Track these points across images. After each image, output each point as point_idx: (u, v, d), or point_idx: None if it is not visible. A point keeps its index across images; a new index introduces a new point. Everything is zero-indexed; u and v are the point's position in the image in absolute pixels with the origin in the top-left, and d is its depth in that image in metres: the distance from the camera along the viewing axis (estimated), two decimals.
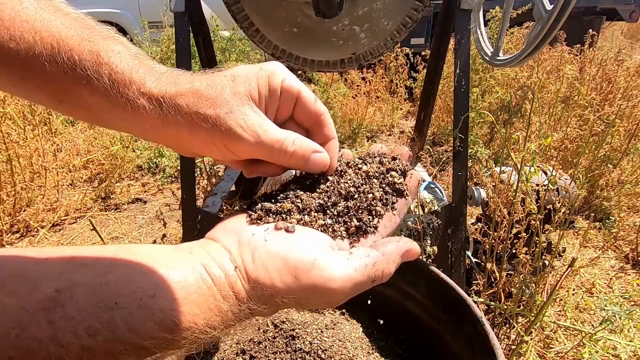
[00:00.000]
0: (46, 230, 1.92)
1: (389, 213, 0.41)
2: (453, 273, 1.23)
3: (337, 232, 0.38)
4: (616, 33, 6.77)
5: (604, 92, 2.27)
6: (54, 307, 0.25)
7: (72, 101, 0.36)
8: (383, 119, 3.30)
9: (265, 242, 0.34)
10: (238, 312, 0.32)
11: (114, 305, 0.27)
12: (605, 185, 1.99)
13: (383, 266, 0.35)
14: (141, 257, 0.30)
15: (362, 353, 0.75)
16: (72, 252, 0.29)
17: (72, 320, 0.25)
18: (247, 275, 0.33)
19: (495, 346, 0.58)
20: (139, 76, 0.36)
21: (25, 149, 1.95)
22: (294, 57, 1.20)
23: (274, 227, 0.36)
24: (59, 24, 0.35)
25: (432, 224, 1.19)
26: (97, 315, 0.26)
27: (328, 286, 0.32)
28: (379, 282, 0.35)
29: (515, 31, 2.78)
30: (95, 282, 0.27)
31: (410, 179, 0.44)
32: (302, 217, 0.38)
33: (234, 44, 3.20)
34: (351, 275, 0.33)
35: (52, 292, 0.25)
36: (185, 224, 1.23)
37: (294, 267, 0.33)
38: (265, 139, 0.37)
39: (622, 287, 1.57)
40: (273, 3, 1.05)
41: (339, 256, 0.35)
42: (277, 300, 0.33)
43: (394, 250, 0.36)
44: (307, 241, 0.35)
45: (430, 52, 1.54)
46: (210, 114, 0.36)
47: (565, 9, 0.87)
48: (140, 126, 0.36)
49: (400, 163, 0.45)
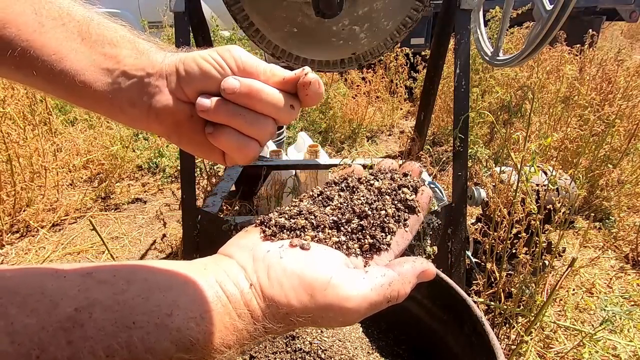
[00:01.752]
0: (46, 230, 1.92)
1: (401, 230, 0.41)
2: (453, 273, 1.23)
3: (351, 250, 0.38)
4: (616, 33, 6.77)
5: (604, 92, 2.27)
6: (73, 327, 0.25)
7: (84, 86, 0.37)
8: (383, 119, 3.30)
9: (281, 260, 0.34)
10: (253, 331, 0.32)
11: (131, 324, 0.27)
12: (605, 185, 1.99)
13: (399, 286, 0.35)
14: (157, 274, 0.30)
15: (362, 353, 0.75)
16: (90, 268, 0.29)
17: (91, 340, 0.25)
18: (263, 293, 0.32)
19: (495, 346, 0.58)
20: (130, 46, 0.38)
21: (25, 149, 1.95)
22: (294, 57, 1.20)
23: (289, 244, 0.36)
24: (83, 11, 0.37)
25: (432, 224, 1.19)
26: (115, 335, 0.26)
27: (344, 305, 0.32)
28: (394, 303, 0.35)
29: (515, 31, 2.78)
30: (114, 300, 0.27)
31: (422, 195, 0.44)
32: (317, 234, 0.38)
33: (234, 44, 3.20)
34: (367, 295, 0.33)
35: (72, 312, 0.25)
36: (185, 224, 1.23)
37: (310, 285, 0.32)
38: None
39: (622, 287, 1.57)
40: (273, 3, 1.05)
41: (355, 275, 0.34)
42: (293, 319, 0.32)
43: (410, 270, 0.36)
44: (323, 259, 0.35)
45: (430, 52, 1.54)
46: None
47: (565, 9, 0.87)
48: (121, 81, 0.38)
49: (412, 179, 0.45)
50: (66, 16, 0.36)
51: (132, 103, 0.38)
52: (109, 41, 0.37)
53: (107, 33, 0.38)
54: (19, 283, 0.26)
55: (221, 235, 1.18)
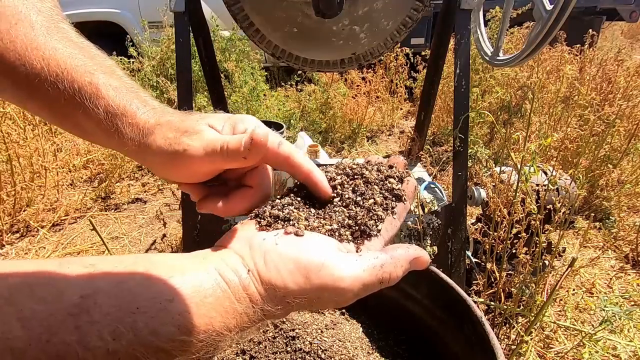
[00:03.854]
0: (46, 230, 1.92)
1: (390, 217, 0.43)
2: (453, 273, 1.23)
3: (343, 236, 0.40)
4: (616, 33, 6.77)
5: (604, 92, 2.27)
6: (80, 312, 0.26)
7: (69, 122, 0.41)
8: (383, 119, 3.30)
9: (277, 246, 0.36)
10: (252, 315, 0.33)
11: (135, 309, 0.28)
12: (605, 185, 1.99)
13: (391, 269, 0.36)
14: (158, 265, 0.32)
15: (362, 353, 0.75)
16: (93, 261, 0.31)
17: (98, 324, 0.26)
18: (260, 278, 0.34)
19: (495, 346, 0.58)
20: (131, 110, 0.41)
21: (25, 149, 1.95)
22: (294, 57, 1.20)
23: (283, 232, 0.38)
24: (65, 54, 0.39)
25: (432, 224, 1.19)
26: (120, 319, 0.27)
27: (337, 285, 0.34)
28: (386, 285, 0.37)
29: (515, 31, 2.78)
30: (117, 288, 0.29)
31: (408, 185, 0.47)
32: (310, 223, 0.40)
33: (234, 44, 3.20)
34: (360, 275, 0.34)
35: (77, 299, 0.27)
36: (185, 224, 1.23)
37: (305, 267, 0.34)
38: (213, 141, 0.39)
39: (622, 287, 1.57)
40: (273, 3, 1.05)
41: (348, 257, 0.36)
42: (290, 301, 0.34)
43: (403, 255, 0.38)
44: (316, 244, 0.37)
45: (430, 52, 1.54)
46: (170, 136, 0.40)
47: (565, 9, 0.87)
48: (122, 149, 0.42)
49: (397, 170, 0.47)
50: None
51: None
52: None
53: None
54: (26, 274, 0.27)
55: (221, 235, 1.18)
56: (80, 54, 0.40)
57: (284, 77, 4.00)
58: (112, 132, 0.40)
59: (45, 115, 0.41)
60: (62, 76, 0.38)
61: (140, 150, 0.41)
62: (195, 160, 0.39)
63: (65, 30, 0.41)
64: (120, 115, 0.40)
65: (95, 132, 0.41)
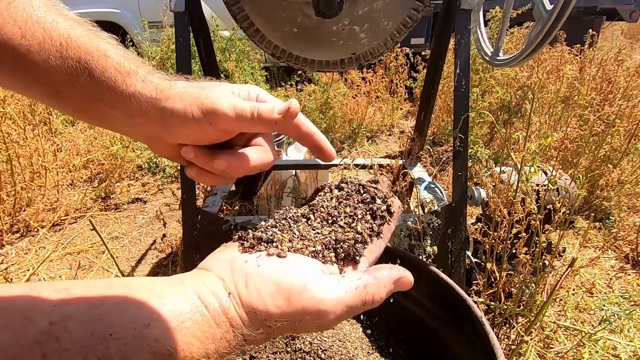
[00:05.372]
0: (46, 230, 1.92)
1: (375, 238, 0.43)
2: (453, 273, 1.23)
3: (327, 258, 0.39)
4: (616, 33, 6.77)
5: (604, 92, 2.27)
6: (47, 340, 0.25)
7: (71, 90, 0.38)
8: (383, 119, 3.30)
9: (258, 268, 0.35)
10: (232, 339, 0.32)
11: (108, 336, 0.26)
12: (605, 185, 1.99)
13: (374, 290, 0.36)
14: (134, 289, 0.30)
15: (362, 353, 0.75)
16: (65, 285, 0.29)
17: (67, 352, 0.25)
18: (241, 301, 0.33)
19: (495, 346, 0.58)
20: (144, 70, 0.40)
21: (25, 149, 1.95)
22: (294, 57, 1.20)
23: (266, 254, 0.37)
24: (66, 25, 0.38)
25: (432, 224, 1.19)
26: (91, 347, 0.26)
27: (319, 308, 0.33)
28: (369, 307, 0.36)
29: (515, 31, 2.78)
30: (89, 314, 0.27)
31: (392, 206, 0.47)
32: (294, 245, 0.40)
33: (234, 44, 3.20)
34: (342, 297, 0.34)
35: (46, 325, 0.25)
36: (185, 224, 1.23)
37: (287, 290, 0.33)
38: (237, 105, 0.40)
39: (622, 287, 1.57)
40: (273, 3, 1.05)
41: (330, 279, 0.35)
42: (271, 324, 0.33)
43: (386, 275, 0.38)
44: (299, 265, 0.36)
45: (430, 52, 1.54)
46: (195, 92, 0.40)
47: (565, 9, 0.87)
48: (133, 113, 0.39)
49: (381, 191, 0.48)
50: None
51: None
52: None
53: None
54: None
55: (221, 235, 1.18)
56: (81, 27, 0.39)
57: (284, 77, 4.00)
58: (124, 92, 0.38)
59: (42, 87, 0.39)
60: (67, 45, 0.37)
61: (157, 109, 0.39)
62: (223, 118, 0.39)
63: (63, 8, 0.40)
64: (133, 72, 0.39)
65: (104, 95, 0.38)
